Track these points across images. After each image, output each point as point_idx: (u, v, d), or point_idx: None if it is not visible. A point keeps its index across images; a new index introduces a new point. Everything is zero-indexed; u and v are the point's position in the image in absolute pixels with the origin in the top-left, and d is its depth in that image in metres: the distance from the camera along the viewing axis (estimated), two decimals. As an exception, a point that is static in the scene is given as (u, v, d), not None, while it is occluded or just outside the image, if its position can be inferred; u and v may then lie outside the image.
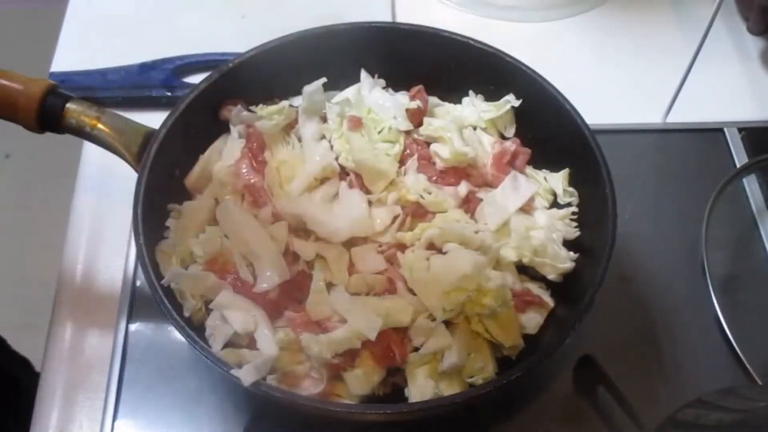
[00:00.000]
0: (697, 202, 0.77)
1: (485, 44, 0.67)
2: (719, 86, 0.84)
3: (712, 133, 0.81)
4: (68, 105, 0.63)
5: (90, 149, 0.77)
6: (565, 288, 0.61)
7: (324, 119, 0.65)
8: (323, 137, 0.65)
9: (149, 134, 0.62)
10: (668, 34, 0.89)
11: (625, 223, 0.60)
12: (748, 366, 0.67)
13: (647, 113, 0.82)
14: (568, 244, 0.62)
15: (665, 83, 0.79)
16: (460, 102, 0.68)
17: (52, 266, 0.74)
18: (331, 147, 0.64)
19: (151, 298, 0.56)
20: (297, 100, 0.67)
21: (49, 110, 0.62)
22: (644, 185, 0.78)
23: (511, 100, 0.66)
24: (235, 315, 0.57)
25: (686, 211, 0.76)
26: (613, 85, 0.85)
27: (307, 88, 0.65)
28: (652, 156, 0.81)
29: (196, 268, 0.59)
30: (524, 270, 0.61)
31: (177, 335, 0.56)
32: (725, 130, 0.81)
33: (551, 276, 0.61)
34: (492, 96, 0.68)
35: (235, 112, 0.66)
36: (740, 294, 0.72)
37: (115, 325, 0.68)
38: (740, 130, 0.81)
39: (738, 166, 0.78)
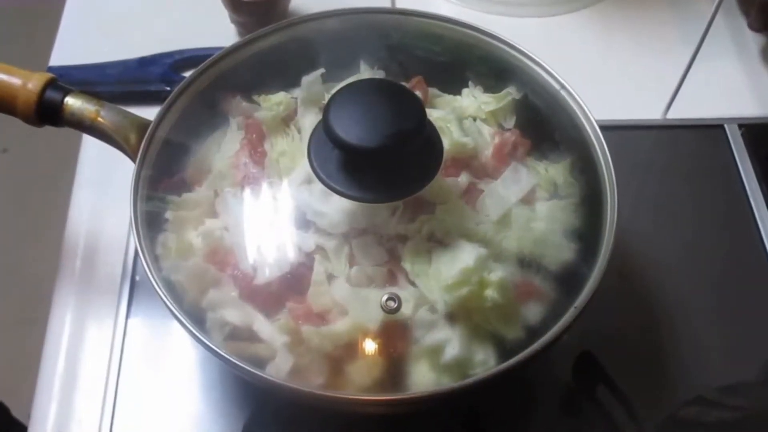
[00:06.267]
0: (696, 198, 0.77)
1: (488, 32, 0.67)
2: (719, 83, 0.85)
3: (713, 130, 0.81)
4: (68, 98, 0.62)
5: (89, 143, 0.77)
6: (566, 280, 0.60)
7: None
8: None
9: (148, 126, 0.62)
10: (669, 30, 0.89)
11: (625, 220, 0.60)
12: (748, 364, 0.67)
13: (647, 109, 0.82)
14: (569, 236, 0.62)
15: (665, 79, 0.79)
16: (459, 93, 0.68)
17: (51, 261, 0.74)
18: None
19: (151, 291, 0.56)
20: (296, 92, 0.66)
21: (48, 104, 0.62)
22: (644, 182, 0.78)
23: (512, 92, 0.66)
24: (229, 312, 0.57)
25: (686, 208, 0.76)
26: (613, 82, 0.85)
27: (306, 79, 0.64)
28: (652, 152, 0.81)
29: (196, 261, 0.59)
30: (525, 261, 0.61)
31: (176, 330, 0.56)
32: (725, 126, 0.81)
33: (552, 267, 0.61)
34: (492, 86, 0.67)
35: (234, 104, 0.65)
36: (739, 293, 0.72)
37: (114, 320, 0.68)
38: (740, 126, 0.81)
39: (738, 162, 0.78)
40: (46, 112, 0.62)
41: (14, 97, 0.61)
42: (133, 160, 0.61)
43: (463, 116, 0.66)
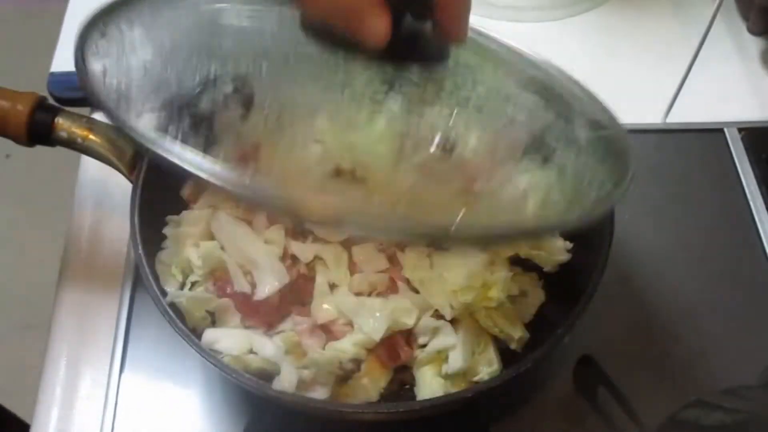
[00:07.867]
0: (696, 202, 0.77)
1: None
2: (719, 86, 0.84)
3: (712, 133, 0.81)
4: (57, 118, 0.62)
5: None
6: (564, 281, 0.61)
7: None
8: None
9: None
10: (668, 34, 0.89)
11: (625, 223, 0.60)
12: (748, 367, 0.67)
13: (647, 113, 0.82)
14: (566, 237, 0.62)
15: (665, 83, 0.79)
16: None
17: (52, 266, 0.74)
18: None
19: (152, 305, 0.56)
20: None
21: (38, 124, 0.62)
22: (644, 186, 0.78)
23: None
24: (227, 344, 0.57)
25: (686, 211, 0.76)
26: (613, 86, 0.84)
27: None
28: (652, 156, 0.81)
29: (197, 286, 0.59)
30: (519, 261, 0.61)
31: (175, 340, 0.55)
32: (725, 130, 0.81)
33: (547, 267, 0.61)
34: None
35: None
36: (739, 296, 0.72)
37: (115, 330, 0.67)
38: (740, 130, 0.81)
39: (738, 165, 0.78)
40: (37, 132, 0.62)
41: (4, 119, 0.61)
42: (129, 179, 0.61)
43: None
